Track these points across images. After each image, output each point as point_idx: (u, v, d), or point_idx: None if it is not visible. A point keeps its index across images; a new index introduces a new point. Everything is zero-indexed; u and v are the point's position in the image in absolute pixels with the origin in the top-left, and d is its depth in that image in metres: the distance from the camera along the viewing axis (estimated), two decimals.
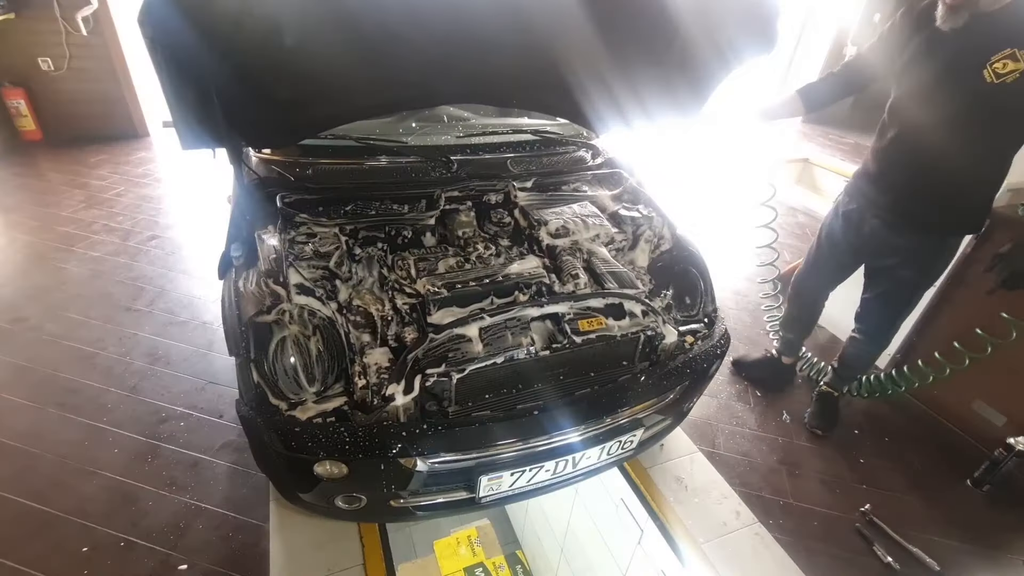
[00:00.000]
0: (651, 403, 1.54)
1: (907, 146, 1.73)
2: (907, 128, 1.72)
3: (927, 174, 1.71)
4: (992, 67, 1.49)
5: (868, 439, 2.28)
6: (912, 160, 1.73)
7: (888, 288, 1.97)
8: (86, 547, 1.58)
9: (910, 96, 1.71)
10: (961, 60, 1.55)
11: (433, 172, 1.84)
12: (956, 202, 1.73)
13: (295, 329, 1.32)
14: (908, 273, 1.88)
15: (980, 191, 1.72)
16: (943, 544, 1.86)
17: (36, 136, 4.52)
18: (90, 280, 2.79)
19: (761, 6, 1.54)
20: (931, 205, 1.74)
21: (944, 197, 1.72)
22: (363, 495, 1.37)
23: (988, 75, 1.50)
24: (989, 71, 1.49)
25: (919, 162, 1.72)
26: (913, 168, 1.74)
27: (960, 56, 1.55)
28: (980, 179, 1.70)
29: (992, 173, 1.68)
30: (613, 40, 1.65)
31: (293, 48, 1.28)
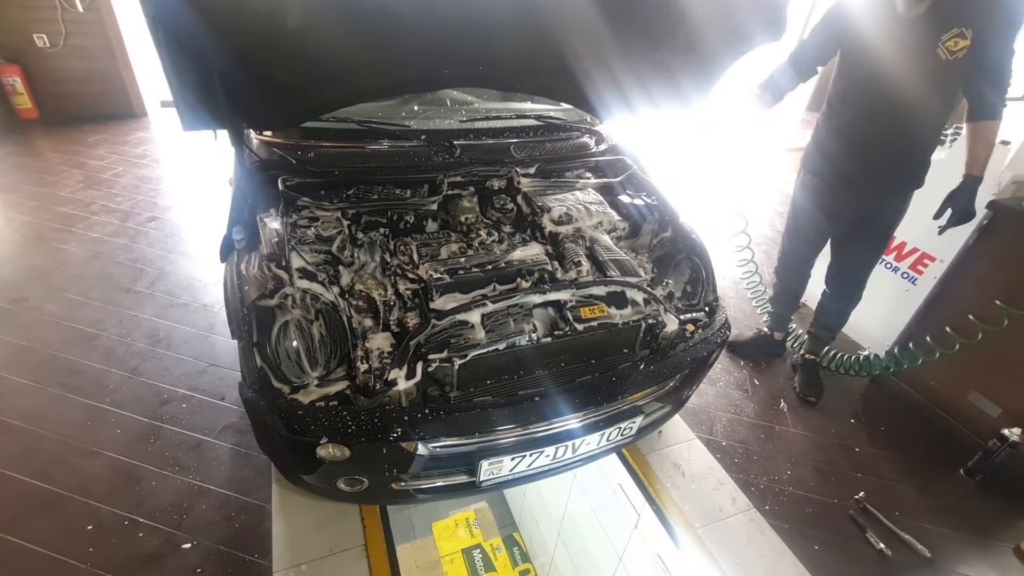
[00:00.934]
0: (651, 391, 1.55)
1: (867, 122, 1.89)
2: (866, 106, 1.87)
3: (886, 144, 1.89)
4: (945, 45, 1.65)
5: (864, 428, 2.30)
6: (872, 134, 1.90)
7: (856, 245, 2.13)
8: (90, 525, 1.60)
9: (869, 78, 1.84)
10: (918, 41, 1.69)
11: (436, 157, 1.83)
12: (911, 164, 1.92)
13: (297, 313, 1.32)
14: (871, 231, 2.07)
15: (926, 151, 1.91)
16: (935, 532, 1.89)
17: (32, 114, 4.48)
18: (89, 261, 2.78)
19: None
20: (892, 170, 1.93)
21: (902, 162, 1.92)
22: (365, 478, 1.38)
23: (942, 52, 1.66)
24: (942, 49, 1.66)
25: (879, 135, 1.89)
26: (873, 141, 1.90)
27: (917, 38, 1.69)
28: (929, 142, 1.89)
29: (935, 134, 1.89)
30: (619, 24, 1.63)
31: (296, 29, 1.26)
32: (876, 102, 1.85)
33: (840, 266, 2.24)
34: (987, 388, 2.15)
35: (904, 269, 2.51)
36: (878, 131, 1.88)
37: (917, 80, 1.75)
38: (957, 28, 1.62)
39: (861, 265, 2.19)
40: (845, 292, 2.27)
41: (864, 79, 1.86)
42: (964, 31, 1.62)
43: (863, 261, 2.18)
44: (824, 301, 2.36)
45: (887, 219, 2.05)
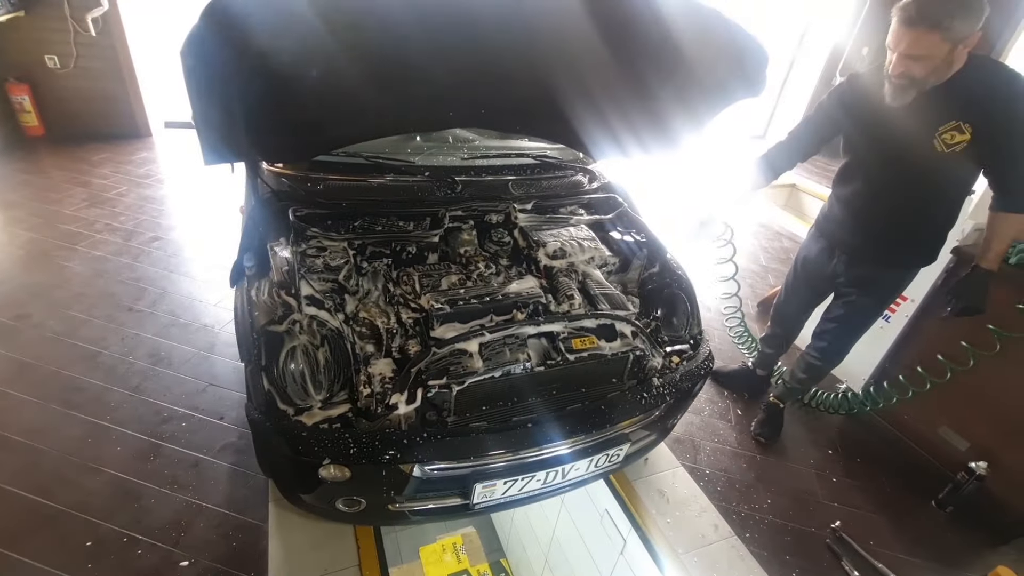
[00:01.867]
0: (638, 419, 1.63)
1: (869, 201, 1.89)
2: (866, 187, 1.88)
3: (889, 223, 1.88)
4: (941, 138, 1.62)
5: (841, 459, 2.39)
6: (874, 212, 1.90)
7: (848, 313, 2.11)
8: (90, 541, 1.63)
9: (865, 161, 1.87)
10: (912, 133, 1.67)
11: (438, 191, 1.94)
12: (914, 243, 1.91)
13: (304, 339, 1.39)
14: (867, 300, 2.05)
15: (935, 233, 1.89)
16: (907, 562, 1.97)
17: (38, 132, 4.55)
18: (92, 279, 2.84)
19: (751, 54, 1.66)
20: (893, 246, 1.92)
21: (904, 240, 1.90)
22: (363, 498, 1.44)
23: (938, 145, 1.63)
24: (939, 141, 1.62)
25: (881, 213, 1.88)
26: (876, 218, 1.90)
27: (911, 129, 1.67)
28: (935, 224, 1.87)
29: (945, 217, 1.85)
30: (614, 76, 1.76)
31: (319, 77, 1.37)
32: (880, 183, 1.85)
33: (828, 328, 2.21)
34: (956, 422, 2.26)
35: None
36: (882, 210, 1.87)
37: (918, 168, 1.72)
38: (954, 122, 1.58)
39: (847, 332, 2.17)
40: (826, 354, 2.25)
41: (865, 161, 1.87)
42: (962, 125, 1.58)
43: (850, 328, 2.16)
44: (804, 356, 2.34)
45: (883, 292, 2.03)
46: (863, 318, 2.13)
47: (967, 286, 1.77)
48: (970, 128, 1.57)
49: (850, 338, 2.19)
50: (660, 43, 1.66)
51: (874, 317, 2.13)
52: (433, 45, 1.48)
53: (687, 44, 1.67)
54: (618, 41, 1.67)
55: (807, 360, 2.31)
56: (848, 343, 2.21)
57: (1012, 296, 1.98)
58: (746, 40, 1.60)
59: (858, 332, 2.18)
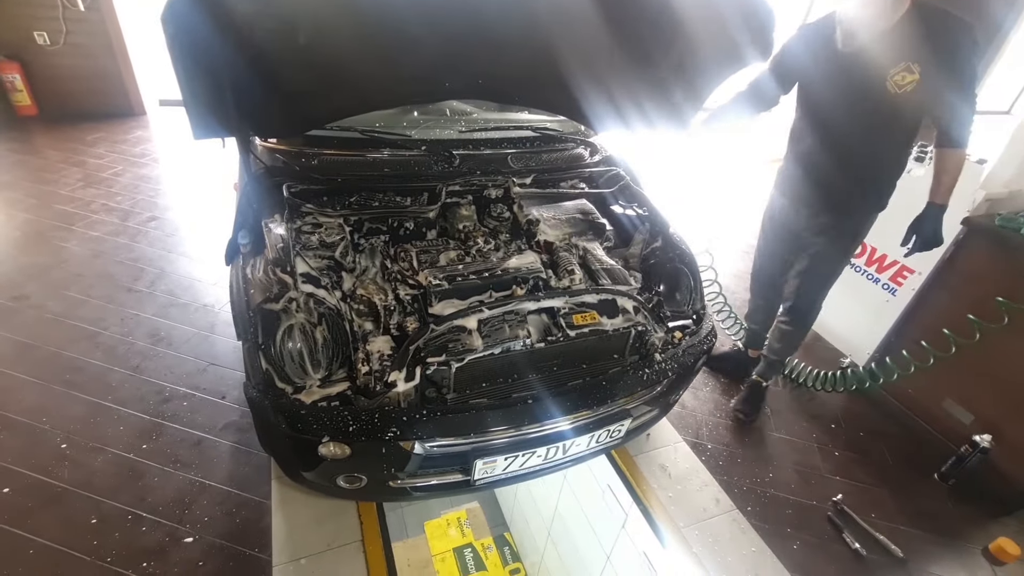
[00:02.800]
0: (639, 395, 1.62)
1: (825, 149, 1.93)
2: (823, 134, 1.92)
3: (846, 170, 1.92)
4: (893, 79, 1.67)
5: (844, 433, 2.38)
6: (831, 161, 1.93)
7: (813, 264, 2.13)
8: (94, 519, 1.65)
9: (822, 107, 1.90)
10: (865, 75, 1.72)
11: (435, 166, 1.89)
12: (871, 189, 1.95)
13: (301, 317, 1.37)
14: (831, 249, 2.08)
15: (889, 177, 1.93)
16: (908, 533, 1.97)
17: (31, 111, 4.49)
18: (90, 260, 2.82)
19: (757, 16, 1.59)
20: (851, 194, 1.96)
21: (861, 186, 1.94)
22: (364, 475, 1.44)
23: (891, 87, 1.68)
24: (891, 83, 1.68)
25: (838, 161, 1.92)
26: (833, 167, 1.93)
27: (864, 72, 1.72)
28: (888, 168, 1.92)
29: (894, 162, 1.90)
30: (615, 43, 1.70)
31: (307, 44, 1.32)
32: (831, 132, 1.90)
33: (793, 285, 2.23)
34: (961, 396, 2.24)
35: (884, 280, 2.60)
36: (834, 160, 1.92)
37: (869, 112, 1.78)
38: (904, 63, 1.65)
39: (814, 285, 2.19)
40: (796, 313, 2.26)
41: (817, 110, 1.92)
42: (911, 66, 1.64)
43: (817, 280, 2.18)
44: (776, 324, 2.36)
45: (844, 240, 2.07)
46: (828, 268, 2.15)
47: (922, 222, 1.83)
48: (918, 67, 1.63)
49: (818, 292, 2.21)
50: (663, 6, 1.60)
51: (839, 266, 2.15)
52: (428, 11, 1.43)
53: (690, 7, 1.61)
54: (619, 5, 1.61)
55: (779, 327, 2.33)
56: (816, 298, 2.22)
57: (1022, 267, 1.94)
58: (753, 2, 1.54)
59: (825, 284, 2.19)
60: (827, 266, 2.14)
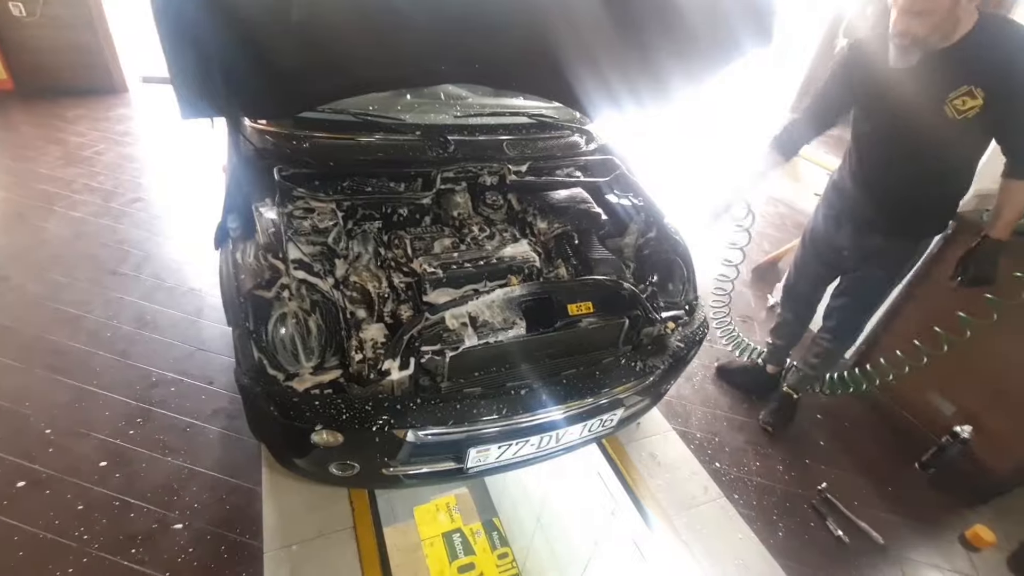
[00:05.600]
0: (632, 385, 1.62)
1: (879, 170, 1.81)
2: (876, 155, 1.80)
3: (900, 194, 1.80)
4: (952, 103, 1.52)
5: (829, 423, 2.43)
6: (884, 182, 1.82)
7: (859, 288, 2.03)
8: (81, 505, 1.63)
9: (874, 130, 1.78)
10: (921, 97, 1.58)
11: (430, 151, 1.86)
12: (926, 212, 1.83)
13: (294, 305, 1.35)
14: (879, 273, 1.97)
15: (947, 201, 1.82)
16: (889, 520, 2.03)
17: (7, 86, 4.33)
18: (72, 241, 2.75)
19: (760, 2, 1.58)
20: (905, 215, 1.83)
21: (916, 208, 1.82)
22: (356, 463, 1.43)
23: (949, 111, 1.53)
24: (950, 107, 1.53)
25: (891, 184, 1.80)
26: (886, 188, 1.82)
27: (919, 94, 1.58)
28: (947, 191, 1.80)
29: (957, 185, 1.78)
30: (613, 27, 1.67)
31: (299, 21, 1.28)
32: (890, 154, 1.78)
33: (837, 305, 2.13)
34: (944, 388, 2.29)
35: None
36: (893, 180, 1.80)
37: (929, 136, 1.63)
38: (965, 87, 1.49)
39: (858, 309, 2.10)
40: (838, 334, 2.17)
41: (877, 131, 1.79)
42: (974, 90, 1.48)
43: (862, 305, 2.08)
44: (816, 339, 2.26)
45: (893, 264, 1.94)
46: (875, 293, 2.04)
47: (977, 257, 1.69)
48: (983, 93, 1.47)
49: (862, 316, 2.12)
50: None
51: (887, 291, 2.05)
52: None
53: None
54: None
55: (819, 343, 2.22)
56: (860, 321, 2.14)
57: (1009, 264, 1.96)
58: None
59: (870, 309, 2.10)
60: (872, 294, 2.05)
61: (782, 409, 2.35)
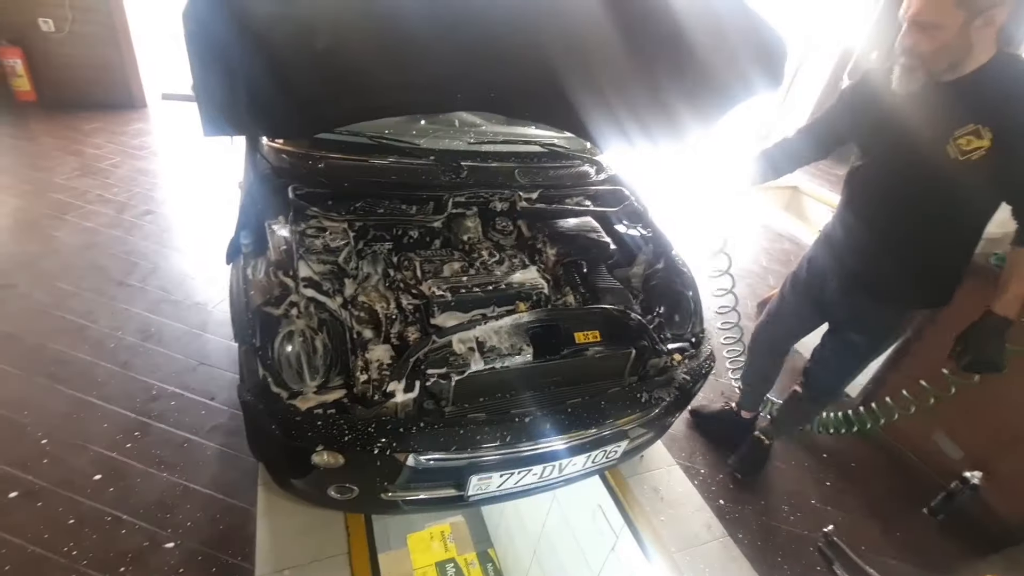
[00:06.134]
0: (636, 416, 1.61)
1: (871, 218, 1.64)
2: (871, 199, 1.64)
3: (893, 247, 1.60)
4: (956, 142, 1.36)
5: (835, 463, 2.38)
6: (877, 232, 1.63)
7: (840, 350, 1.87)
8: (72, 519, 1.59)
9: (872, 166, 1.61)
10: (922, 132, 1.43)
11: (443, 176, 1.88)
12: (923, 277, 1.60)
13: (301, 323, 1.35)
14: (863, 339, 1.79)
15: (949, 266, 1.58)
16: (899, 568, 1.97)
17: (30, 97, 4.44)
18: (82, 251, 2.77)
19: (769, 45, 1.62)
20: (897, 279, 1.62)
21: (911, 271, 1.60)
22: (356, 486, 1.41)
23: (952, 151, 1.36)
24: (953, 147, 1.36)
25: (885, 234, 1.61)
26: (878, 240, 1.63)
27: (921, 128, 1.43)
28: (949, 254, 1.57)
29: (961, 248, 1.56)
30: (627, 66, 1.72)
31: (324, 49, 1.31)
32: (885, 197, 1.58)
33: (820, 358, 1.96)
34: (951, 430, 2.25)
35: None
36: (886, 229, 1.60)
37: (925, 181, 1.46)
38: (972, 124, 1.32)
39: (840, 371, 1.94)
40: (816, 392, 2.02)
41: (873, 164, 1.60)
42: (980, 129, 1.31)
43: (841, 367, 1.92)
44: (789, 399, 2.12)
45: (876, 331, 1.76)
46: (854, 359, 1.87)
47: (977, 336, 1.45)
48: (990, 133, 1.30)
49: (839, 379, 1.98)
50: (676, 31, 1.62)
51: (866, 359, 1.87)
52: (443, 23, 1.43)
53: (705, 33, 1.62)
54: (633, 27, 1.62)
55: (795, 397, 2.08)
56: (836, 384, 2.01)
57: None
58: (766, 31, 1.56)
59: (848, 373, 1.95)
60: (852, 360, 1.88)
61: (752, 454, 2.21)
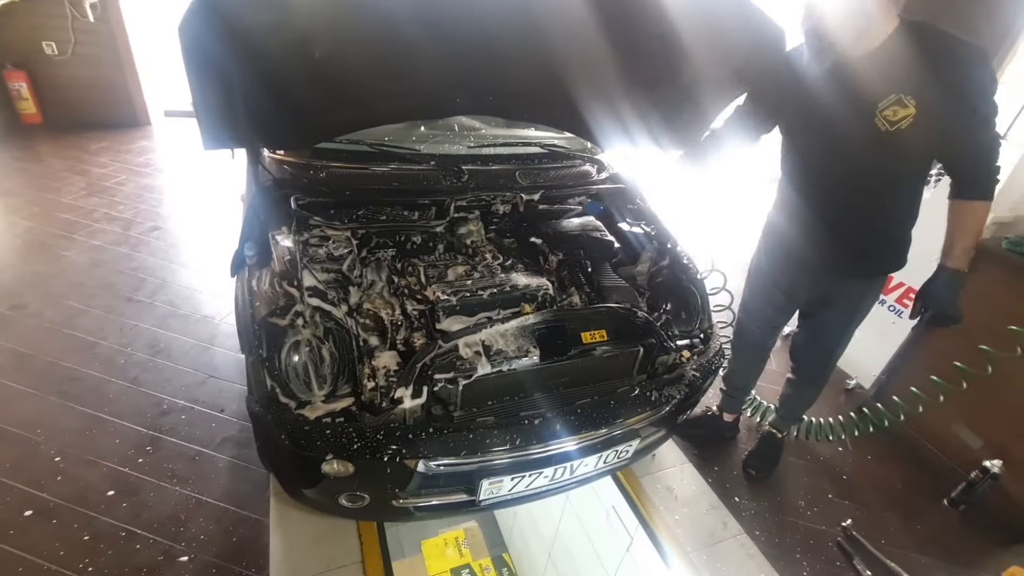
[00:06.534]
0: (647, 415, 1.59)
1: (812, 196, 1.63)
2: (808, 178, 1.63)
3: (839, 223, 1.60)
4: (882, 115, 1.36)
5: (852, 457, 2.35)
6: (821, 210, 1.63)
7: (816, 330, 1.86)
8: (87, 535, 1.60)
9: (804, 145, 1.60)
10: (848, 108, 1.42)
11: (444, 181, 1.88)
12: (874, 246, 1.61)
13: (307, 332, 1.35)
14: (834, 316, 1.78)
15: (896, 232, 1.60)
16: (919, 561, 1.93)
17: (36, 119, 4.51)
18: (91, 269, 2.80)
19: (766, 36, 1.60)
20: (850, 252, 1.62)
21: (861, 244, 1.61)
22: (367, 494, 1.40)
23: (881, 123, 1.37)
24: (880, 119, 1.36)
25: (829, 212, 1.61)
26: (824, 218, 1.62)
27: (845, 104, 1.43)
28: (896, 221, 1.59)
29: (905, 212, 1.57)
30: (624, 64, 1.71)
31: (321, 58, 1.32)
32: (820, 180, 1.60)
33: (800, 346, 1.98)
34: (970, 420, 2.22)
35: (891, 302, 2.59)
36: (830, 209, 1.61)
37: (859, 154, 1.47)
38: (894, 95, 1.33)
39: (820, 353, 1.93)
40: (804, 376, 2.02)
41: (800, 153, 1.62)
42: (903, 98, 1.32)
43: (823, 349, 1.91)
44: (786, 386, 2.11)
45: (850, 305, 1.75)
46: (834, 337, 1.84)
47: (932, 290, 1.50)
48: (913, 100, 1.31)
49: (825, 358, 1.94)
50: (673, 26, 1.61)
51: (849, 332, 1.83)
52: (439, 28, 1.43)
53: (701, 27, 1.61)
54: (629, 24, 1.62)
55: (789, 390, 2.10)
56: (824, 364, 1.96)
57: None
58: (763, 22, 1.54)
59: (832, 351, 1.90)
60: (832, 337, 1.86)
61: (767, 451, 2.19)
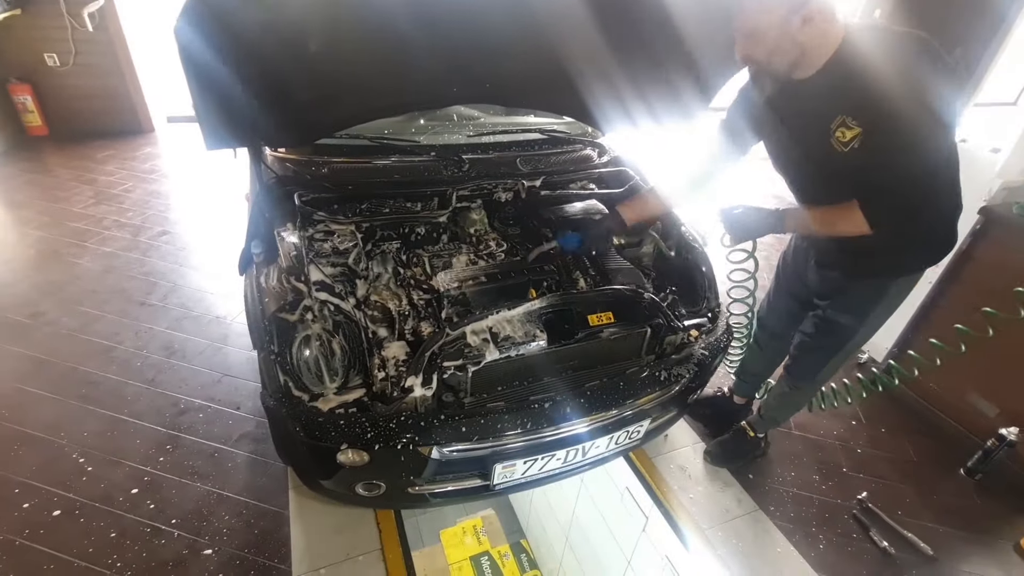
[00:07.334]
0: (657, 395, 1.60)
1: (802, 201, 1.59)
2: (795, 190, 1.61)
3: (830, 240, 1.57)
4: (835, 136, 1.32)
5: (865, 430, 2.34)
6: None
7: (822, 327, 1.76)
8: (114, 532, 1.65)
9: (780, 161, 1.59)
10: (805, 130, 1.41)
11: (445, 171, 1.89)
12: (869, 251, 1.53)
13: (317, 327, 1.37)
14: (841, 317, 1.71)
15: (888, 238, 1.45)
16: (937, 530, 1.93)
17: (42, 131, 4.55)
18: (103, 275, 2.84)
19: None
20: (853, 250, 1.54)
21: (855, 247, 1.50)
22: (382, 482, 1.43)
23: (836, 144, 1.33)
24: (835, 140, 1.33)
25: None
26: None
27: (801, 126, 1.42)
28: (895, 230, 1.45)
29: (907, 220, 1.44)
30: (621, 42, 1.70)
31: (316, 53, 1.33)
32: (800, 192, 1.58)
33: (797, 341, 1.88)
34: (985, 389, 2.20)
35: None
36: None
37: (829, 173, 1.42)
38: (839, 116, 1.30)
39: (818, 351, 1.82)
40: (795, 374, 1.92)
41: (781, 165, 1.59)
42: (846, 120, 1.29)
43: (823, 348, 1.80)
44: (775, 389, 2.06)
45: (855, 306, 1.66)
46: (836, 338, 1.75)
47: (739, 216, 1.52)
48: (855, 122, 1.28)
49: (821, 359, 1.82)
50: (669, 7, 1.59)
51: (850, 337, 1.72)
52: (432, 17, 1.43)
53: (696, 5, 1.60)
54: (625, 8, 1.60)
55: (780, 387, 2.01)
56: (819, 364, 1.83)
57: None
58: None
59: (831, 353, 1.79)
60: (834, 338, 1.76)
61: (732, 443, 2.11)
